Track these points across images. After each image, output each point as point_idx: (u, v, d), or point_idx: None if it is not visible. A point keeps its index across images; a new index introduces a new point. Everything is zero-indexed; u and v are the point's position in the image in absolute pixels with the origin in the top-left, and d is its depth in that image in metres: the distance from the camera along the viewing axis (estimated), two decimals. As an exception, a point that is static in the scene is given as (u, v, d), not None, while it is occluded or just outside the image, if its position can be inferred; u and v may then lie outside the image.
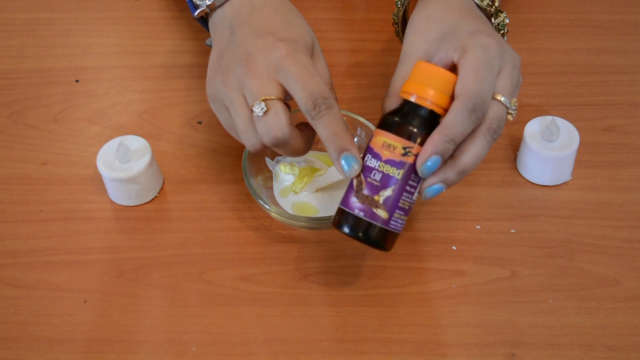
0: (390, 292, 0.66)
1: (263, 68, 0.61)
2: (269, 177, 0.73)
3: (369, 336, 0.63)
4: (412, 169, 0.58)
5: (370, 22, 0.89)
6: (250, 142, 0.62)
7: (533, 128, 0.72)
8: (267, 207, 0.68)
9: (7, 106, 0.81)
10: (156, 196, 0.73)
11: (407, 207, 0.59)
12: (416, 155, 0.58)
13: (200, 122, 0.79)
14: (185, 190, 0.73)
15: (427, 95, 0.58)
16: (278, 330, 0.64)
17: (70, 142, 0.78)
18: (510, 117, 0.60)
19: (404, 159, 0.58)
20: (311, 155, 0.74)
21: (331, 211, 0.70)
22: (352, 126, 0.73)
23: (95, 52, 0.87)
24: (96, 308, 0.65)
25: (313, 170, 0.72)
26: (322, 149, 0.75)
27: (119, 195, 0.72)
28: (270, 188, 0.72)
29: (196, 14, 0.68)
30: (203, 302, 0.65)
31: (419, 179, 0.59)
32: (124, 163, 0.70)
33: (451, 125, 0.56)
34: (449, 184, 0.59)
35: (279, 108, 0.59)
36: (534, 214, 0.71)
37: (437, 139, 0.56)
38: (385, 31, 0.88)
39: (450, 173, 0.58)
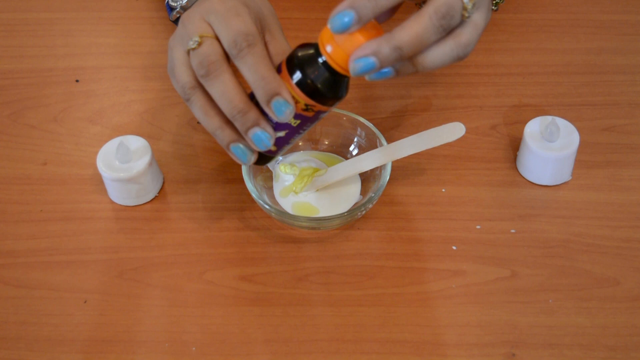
0: (390, 292, 0.66)
1: (196, 14, 0.59)
2: (269, 177, 0.73)
3: (369, 336, 0.63)
4: (310, 119, 0.59)
5: (370, 22, 0.89)
6: (182, 79, 0.59)
7: (533, 128, 0.72)
8: (267, 207, 0.68)
9: (7, 106, 0.81)
10: (156, 196, 0.73)
11: (294, 140, 0.61)
12: (316, 112, 0.58)
13: (200, 122, 0.79)
14: (185, 190, 0.73)
15: (338, 57, 0.55)
16: (278, 330, 0.64)
17: (70, 142, 0.78)
18: (465, 13, 0.54)
19: (305, 113, 0.58)
20: (311, 155, 0.74)
21: (331, 211, 0.70)
22: (352, 126, 0.73)
23: (95, 52, 0.87)
24: (96, 308, 0.65)
25: (313, 170, 0.72)
26: (322, 149, 0.75)
27: (119, 195, 0.72)
28: (270, 188, 0.72)
29: (172, 16, 0.68)
30: (203, 302, 0.65)
31: (313, 123, 0.60)
32: (124, 163, 0.70)
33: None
34: (381, 60, 0.53)
35: (214, 41, 0.57)
36: (534, 214, 0.71)
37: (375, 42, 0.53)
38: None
39: (384, 46, 0.53)
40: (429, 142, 0.68)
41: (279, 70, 0.58)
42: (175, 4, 0.67)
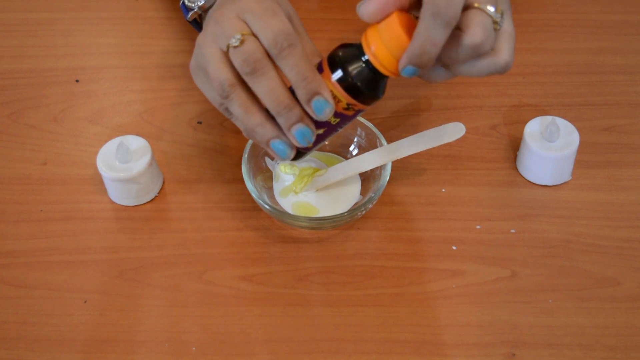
0: (390, 292, 0.66)
1: (231, 12, 0.59)
2: (269, 177, 0.73)
3: (369, 336, 0.63)
4: (349, 117, 0.60)
5: (370, 22, 0.89)
6: (221, 76, 0.58)
7: (533, 128, 0.72)
8: (267, 207, 0.68)
9: (7, 106, 0.81)
10: (156, 196, 0.73)
11: (330, 137, 0.62)
12: (356, 111, 0.59)
13: (200, 122, 0.79)
14: (185, 190, 0.73)
15: (383, 58, 0.56)
16: (278, 330, 0.64)
17: (70, 142, 0.78)
18: (497, 27, 0.56)
19: (345, 112, 0.59)
20: (311, 155, 0.74)
21: (331, 211, 0.70)
22: (352, 126, 0.73)
23: (95, 52, 0.87)
24: (96, 308, 0.65)
25: (313, 170, 0.72)
26: (322, 149, 0.75)
27: (119, 195, 0.72)
28: (270, 188, 0.72)
29: (189, 16, 0.68)
30: (203, 302, 0.65)
31: (351, 121, 0.61)
32: (124, 163, 0.70)
33: (419, 34, 0.54)
34: (426, 63, 0.55)
35: (255, 39, 0.57)
36: (534, 214, 0.71)
37: (411, 49, 0.54)
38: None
39: (428, 48, 0.54)
40: (429, 142, 0.68)
41: (319, 69, 0.58)
42: (193, 5, 0.67)
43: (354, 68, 0.57)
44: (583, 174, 0.74)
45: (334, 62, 0.58)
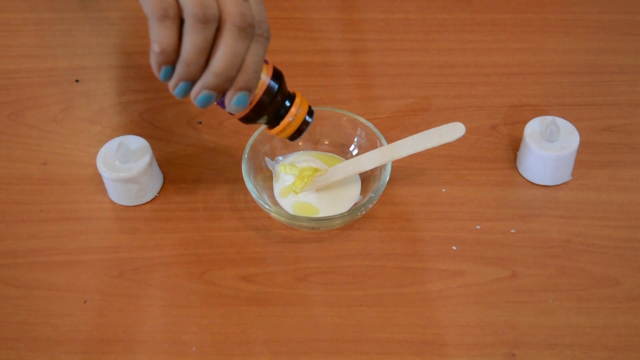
0: (390, 292, 0.66)
1: None
2: (269, 177, 0.73)
3: (369, 336, 0.63)
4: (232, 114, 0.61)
5: (370, 22, 0.89)
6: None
7: (533, 128, 0.72)
8: (267, 207, 0.68)
9: (7, 106, 0.81)
10: (156, 196, 0.73)
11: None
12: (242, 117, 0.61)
13: (200, 122, 0.79)
14: (185, 190, 0.73)
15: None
16: (278, 330, 0.64)
17: (70, 142, 0.78)
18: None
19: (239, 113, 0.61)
20: (311, 155, 0.74)
21: (331, 211, 0.70)
22: (352, 126, 0.73)
23: (95, 52, 0.87)
24: (96, 308, 0.65)
25: (313, 170, 0.72)
26: (322, 149, 0.75)
27: (119, 195, 0.72)
28: (270, 188, 0.72)
29: None
30: (203, 302, 0.65)
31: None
32: (124, 163, 0.70)
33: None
34: (211, 88, 0.56)
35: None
36: (534, 214, 0.71)
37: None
38: (385, 31, 0.88)
39: (206, 77, 0.55)
40: (429, 142, 0.68)
41: None
42: None
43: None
44: (583, 174, 0.74)
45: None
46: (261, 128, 0.72)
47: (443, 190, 0.73)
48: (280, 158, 0.74)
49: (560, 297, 0.65)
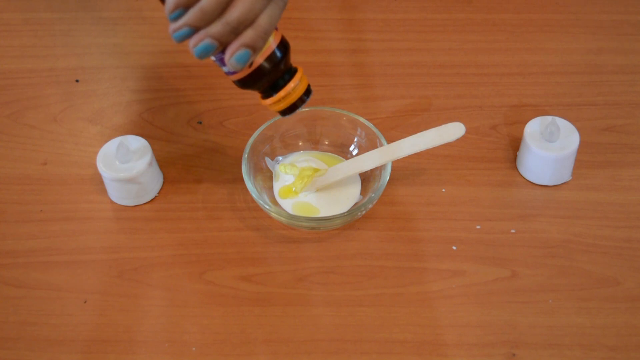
0: (390, 292, 0.66)
1: None
2: (269, 177, 0.73)
3: (369, 336, 0.63)
4: (229, 73, 0.60)
5: (370, 22, 0.89)
6: None
7: (533, 128, 0.72)
8: (267, 207, 0.68)
9: (7, 106, 0.81)
10: (156, 196, 0.73)
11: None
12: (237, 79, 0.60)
13: (200, 122, 0.79)
14: (185, 190, 0.73)
15: None
16: (278, 330, 0.64)
17: (70, 142, 0.78)
18: None
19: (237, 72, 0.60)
20: (311, 155, 0.74)
21: (331, 211, 0.70)
22: (352, 126, 0.73)
23: (95, 52, 0.87)
24: (96, 308, 0.65)
25: (313, 170, 0.72)
26: (322, 149, 0.75)
27: (119, 195, 0.72)
28: (270, 188, 0.72)
29: None
30: (203, 302, 0.65)
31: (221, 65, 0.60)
32: (124, 163, 0.70)
33: None
34: (216, 37, 0.55)
35: None
36: (534, 214, 0.71)
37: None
38: (385, 31, 0.88)
39: (214, 25, 0.55)
40: (429, 142, 0.68)
41: None
42: None
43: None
44: (583, 174, 0.74)
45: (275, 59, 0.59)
46: (261, 128, 0.72)
47: (443, 190, 0.73)
48: (280, 158, 0.74)
49: (560, 297, 0.65)
